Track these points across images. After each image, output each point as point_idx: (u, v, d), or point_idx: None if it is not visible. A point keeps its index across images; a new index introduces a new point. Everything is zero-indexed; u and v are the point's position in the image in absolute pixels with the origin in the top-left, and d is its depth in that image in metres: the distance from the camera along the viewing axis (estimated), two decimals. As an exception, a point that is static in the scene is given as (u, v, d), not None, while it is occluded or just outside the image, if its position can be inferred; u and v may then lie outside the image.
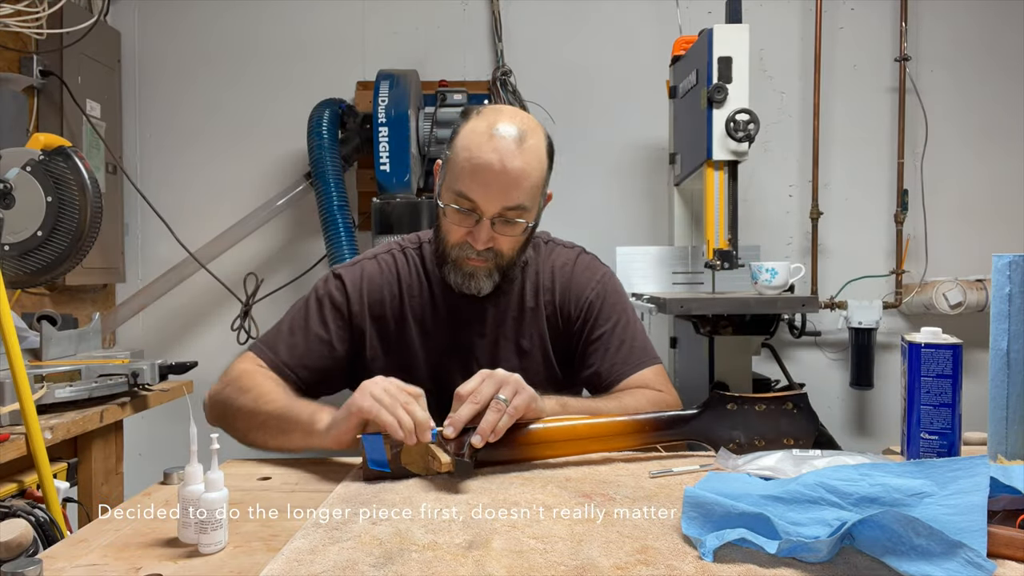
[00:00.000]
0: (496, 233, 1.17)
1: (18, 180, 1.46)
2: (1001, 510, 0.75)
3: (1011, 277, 0.99)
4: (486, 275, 1.21)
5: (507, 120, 1.17)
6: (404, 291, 1.30)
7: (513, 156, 1.14)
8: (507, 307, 1.30)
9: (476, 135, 1.16)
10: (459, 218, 1.17)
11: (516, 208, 1.16)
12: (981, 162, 2.88)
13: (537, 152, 1.18)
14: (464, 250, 1.19)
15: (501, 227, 1.17)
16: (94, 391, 1.44)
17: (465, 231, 1.18)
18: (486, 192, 1.14)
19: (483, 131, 1.15)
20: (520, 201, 1.16)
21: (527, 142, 1.16)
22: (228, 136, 2.93)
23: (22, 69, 2.36)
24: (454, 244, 1.20)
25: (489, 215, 1.16)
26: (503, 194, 1.14)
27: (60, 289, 2.55)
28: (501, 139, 1.14)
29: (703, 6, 2.84)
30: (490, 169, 1.13)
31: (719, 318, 2.05)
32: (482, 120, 1.18)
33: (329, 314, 1.27)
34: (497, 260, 1.21)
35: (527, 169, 1.15)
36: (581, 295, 1.31)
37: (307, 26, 2.92)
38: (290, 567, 0.69)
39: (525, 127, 1.18)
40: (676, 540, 0.75)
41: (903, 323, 2.89)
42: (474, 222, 1.17)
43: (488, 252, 1.19)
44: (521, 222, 1.18)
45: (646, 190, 2.89)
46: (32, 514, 1.18)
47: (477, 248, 1.18)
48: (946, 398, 0.96)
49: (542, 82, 2.87)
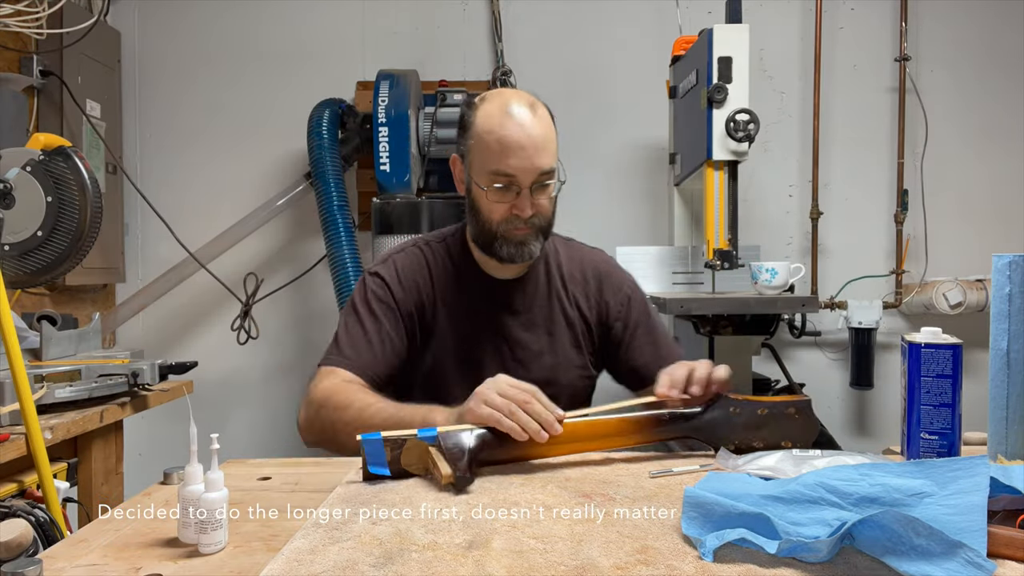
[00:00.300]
0: (535, 199, 1.26)
1: (18, 180, 1.46)
2: (1001, 510, 0.75)
3: (1011, 277, 0.99)
4: (534, 239, 1.29)
5: (514, 97, 1.27)
6: (435, 280, 1.37)
7: (533, 125, 1.23)
8: (535, 292, 1.38)
9: (493, 117, 1.24)
10: (499, 195, 1.25)
11: (548, 172, 1.26)
12: (981, 162, 2.88)
13: (548, 117, 1.29)
14: (512, 223, 1.27)
15: (538, 193, 1.26)
16: (94, 391, 1.44)
17: (507, 206, 1.26)
18: (521, 164, 1.22)
19: (498, 112, 1.24)
20: (550, 164, 1.26)
21: (539, 111, 1.26)
22: (228, 136, 2.93)
23: (22, 69, 2.36)
24: (500, 221, 1.27)
25: (527, 184, 1.24)
26: (536, 161, 1.23)
27: (60, 289, 2.55)
28: (517, 113, 1.24)
29: (703, 6, 2.84)
30: (519, 142, 1.22)
31: (719, 318, 2.05)
32: (492, 104, 1.26)
33: (380, 310, 1.33)
34: (540, 223, 1.29)
35: (548, 134, 1.26)
36: (619, 289, 1.42)
37: (307, 26, 2.92)
38: (290, 567, 0.69)
39: (531, 99, 1.28)
40: (676, 540, 0.75)
41: (903, 323, 2.89)
42: (515, 195, 1.25)
43: (533, 218, 1.27)
44: (552, 183, 1.28)
45: (646, 190, 2.89)
46: (32, 514, 1.18)
47: (525, 216, 1.26)
48: (946, 398, 0.96)
49: (542, 82, 2.87)
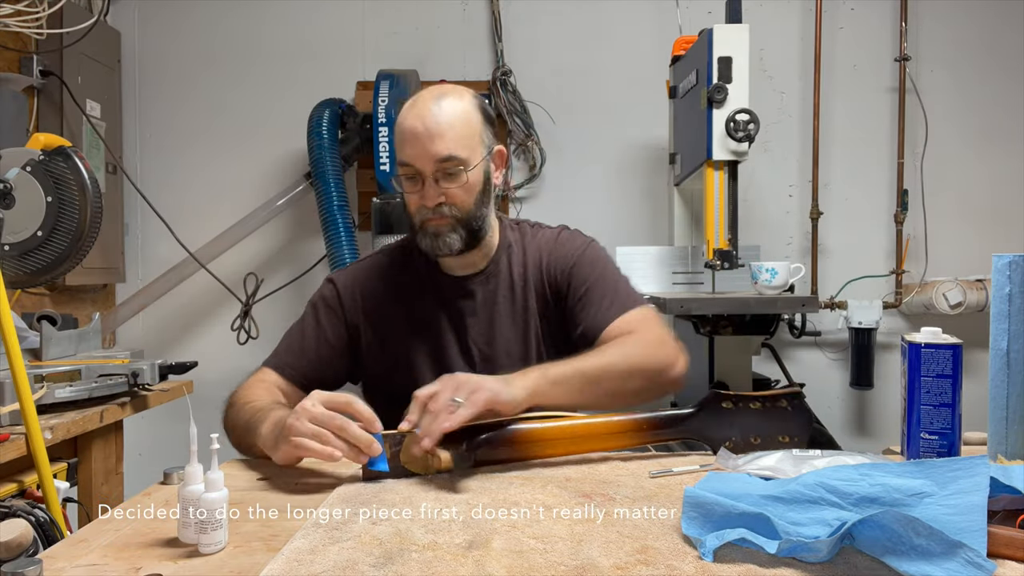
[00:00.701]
0: (442, 188, 1.24)
1: (18, 180, 1.46)
2: (1001, 510, 0.75)
3: (1011, 277, 0.99)
4: (450, 230, 1.26)
5: (430, 91, 1.28)
6: (394, 285, 1.37)
7: (430, 115, 1.23)
8: (496, 287, 1.36)
9: (403, 110, 1.27)
10: (408, 185, 1.26)
11: (448, 159, 1.22)
12: (981, 162, 2.88)
13: (458, 107, 1.26)
14: (423, 213, 1.26)
15: (445, 182, 1.24)
16: (94, 391, 1.44)
17: (418, 195, 1.26)
18: (416, 152, 1.22)
19: (408, 105, 1.27)
20: (449, 151, 1.22)
21: (444, 100, 1.25)
22: (228, 136, 2.93)
23: (22, 69, 2.36)
24: (414, 211, 1.28)
25: (428, 172, 1.23)
26: (431, 148, 1.22)
27: (60, 289, 2.55)
28: (420, 104, 1.25)
29: (703, 6, 2.84)
30: (414, 131, 1.22)
31: (719, 318, 2.05)
32: (410, 99, 1.29)
33: (323, 313, 1.36)
34: (454, 214, 1.26)
35: (452, 120, 1.23)
36: (565, 262, 1.35)
37: (307, 26, 2.92)
38: (290, 567, 0.69)
39: (446, 91, 1.27)
40: (676, 540, 0.75)
41: (903, 323, 2.89)
42: (421, 184, 1.25)
43: (443, 208, 1.25)
44: (460, 171, 1.24)
45: (646, 190, 2.89)
46: (32, 514, 1.18)
47: (428, 205, 1.25)
48: (946, 398, 0.96)
49: (542, 82, 2.87)
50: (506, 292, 1.36)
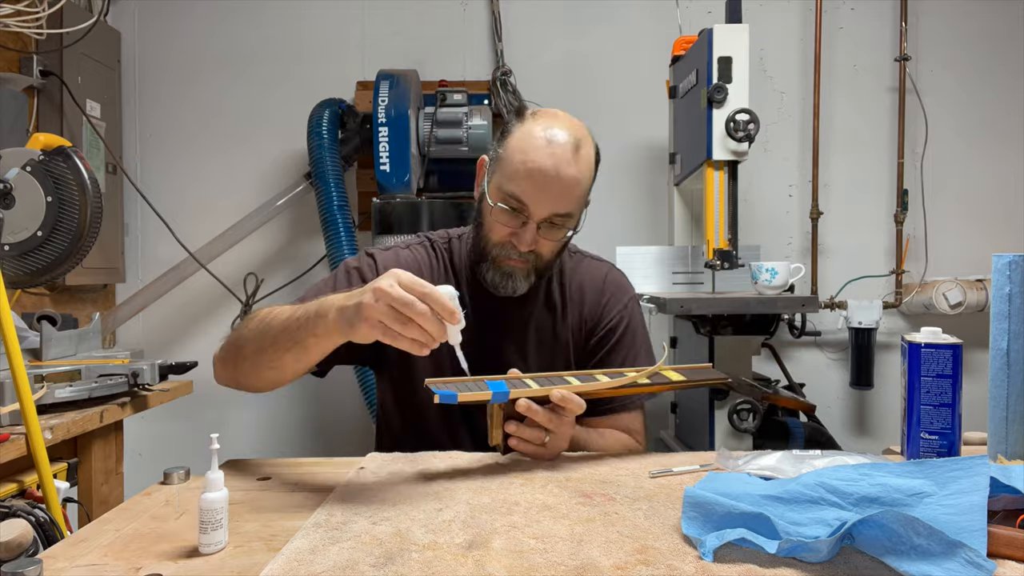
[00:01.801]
0: (540, 236, 1.19)
1: (18, 180, 1.46)
2: (1001, 510, 0.75)
3: (1011, 277, 0.99)
4: (524, 276, 1.23)
5: (563, 126, 1.18)
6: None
7: (568, 164, 1.15)
8: (533, 311, 1.32)
9: (533, 139, 1.17)
10: (506, 218, 1.19)
11: (564, 215, 1.18)
12: (981, 162, 2.89)
13: (589, 161, 1.20)
14: (506, 250, 1.21)
15: (546, 231, 1.19)
16: (94, 391, 1.44)
17: (510, 232, 1.19)
18: (538, 196, 1.15)
19: (540, 135, 1.17)
20: (569, 208, 1.18)
21: (581, 150, 1.18)
22: (228, 136, 2.93)
23: (22, 69, 2.36)
24: (496, 243, 1.21)
25: (538, 218, 1.17)
26: (555, 200, 1.16)
27: (60, 289, 2.55)
28: (558, 145, 1.15)
29: (703, 6, 2.84)
30: (545, 174, 1.14)
31: (719, 318, 2.05)
32: (538, 124, 1.19)
33: (356, 282, 1.25)
34: (536, 262, 1.22)
35: (579, 177, 1.17)
36: (607, 317, 1.34)
37: (307, 26, 2.92)
38: (290, 567, 0.69)
39: (580, 135, 1.19)
40: (676, 540, 0.75)
41: (903, 323, 2.89)
42: (520, 224, 1.18)
43: (529, 254, 1.20)
44: (566, 228, 1.20)
45: (646, 190, 2.89)
46: (32, 514, 1.18)
47: (521, 249, 1.19)
48: (946, 398, 0.96)
49: (542, 82, 2.87)
50: (540, 320, 1.33)
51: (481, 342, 1.28)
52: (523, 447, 1.06)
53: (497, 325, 1.30)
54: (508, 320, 1.30)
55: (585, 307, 1.34)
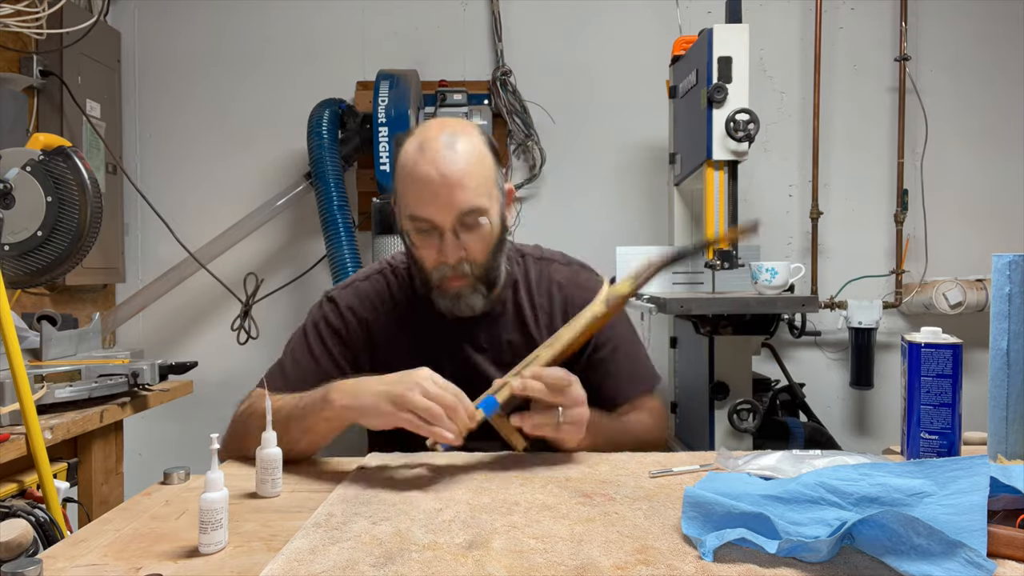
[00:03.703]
0: (463, 242, 1.15)
1: (18, 180, 1.46)
2: (1001, 510, 0.75)
3: (1011, 277, 0.99)
4: (471, 291, 1.19)
5: (434, 130, 1.15)
6: (397, 310, 1.28)
7: (447, 161, 1.11)
8: (504, 325, 1.28)
9: (409, 154, 1.14)
10: (423, 240, 1.15)
11: (471, 211, 1.13)
12: (981, 162, 2.89)
13: (473, 151, 1.15)
14: (441, 271, 1.17)
15: (465, 235, 1.14)
16: (94, 391, 1.44)
17: (435, 250, 1.15)
18: (434, 204, 1.12)
19: (414, 148, 1.14)
20: (472, 203, 1.13)
21: (458, 143, 1.13)
22: (228, 136, 2.93)
23: (22, 69, 2.36)
24: (431, 268, 1.18)
25: (448, 226, 1.13)
26: (451, 201, 1.11)
27: (60, 289, 2.55)
28: (431, 148, 1.12)
29: (703, 6, 2.84)
30: (429, 181, 1.11)
31: (719, 318, 2.05)
32: (413, 139, 1.16)
33: (328, 337, 1.26)
34: (474, 270, 1.18)
35: (466, 169, 1.12)
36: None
37: (307, 26, 2.92)
38: (290, 567, 0.69)
39: (454, 130, 1.15)
40: (676, 540, 0.75)
41: (903, 323, 2.89)
42: (438, 239, 1.14)
43: (463, 265, 1.16)
44: (483, 222, 1.15)
45: (646, 190, 2.89)
46: (32, 514, 1.18)
47: (451, 262, 1.15)
48: (946, 398, 0.96)
49: (542, 82, 2.87)
50: (511, 335, 1.29)
51: (460, 365, 1.25)
52: (544, 431, 1.03)
53: (472, 346, 1.26)
54: (479, 339, 1.27)
55: (556, 311, 1.30)
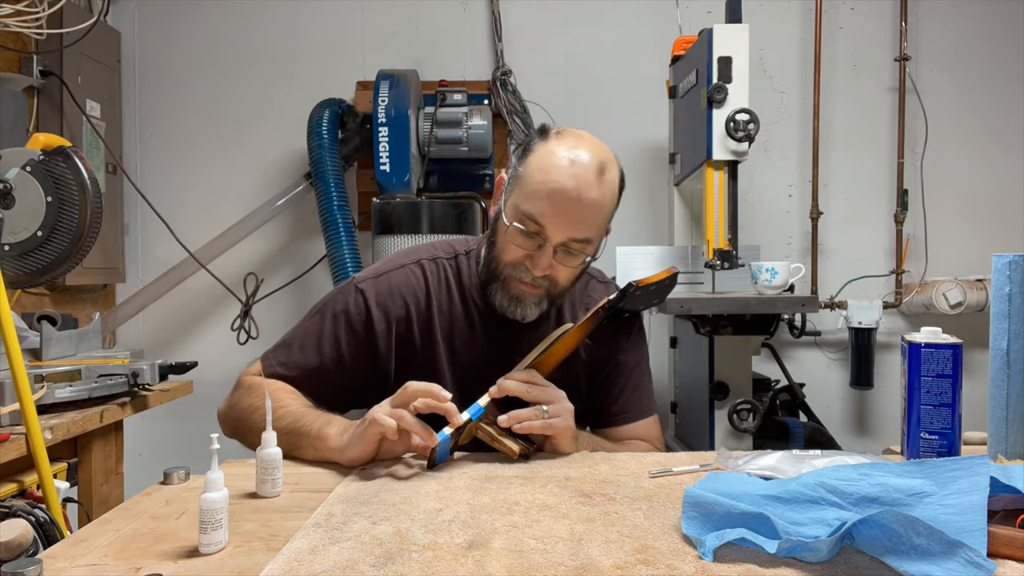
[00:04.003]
0: (556, 262, 1.13)
1: (18, 180, 1.46)
2: (1001, 510, 0.75)
3: (1011, 277, 0.99)
4: (535, 302, 1.17)
5: (588, 148, 1.13)
6: (433, 306, 1.24)
7: (591, 186, 1.10)
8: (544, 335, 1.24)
9: (555, 158, 1.11)
10: (522, 239, 1.13)
11: (583, 241, 1.13)
12: (981, 162, 2.89)
13: (613, 185, 1.14)
14: (518, 272, 1.15)
15: (563, 256, 1.13)
16: (94, 391, 1.44)
17: (524, 254, 1.13)
18: (557, 219, 1.10)
19: (563, 155, 1.11)
20: (588, 234, 1.12)
21: (606, 174, 1.12)
22: (228, 136, 2.93)
23: (22, 69, 2.36)
24: (508, 263, 1.15)
25: (555, 242, 1.11)
26: (574, 224, 1.10)
27: (60, 289, 2.55)
28: (582, 166, 1.10)
29: (703, 6, 2.84)
30: (566, 196, 1.09)
31: (719, 318, 2.05)
32: (562, 143, 1.13)
33: (344, 332, 1.22)
34: (550, 288, 1.17)
35: (602, 202, 1.12)
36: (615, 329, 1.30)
37: (307, 26, 2.92)
38: (290, 567, 0.69)
39: (606, 158, 1.14)
40: (676, 540, 0.75)
41: (903, 323, 2.89)
42: (536, 246, 1.12)
43: (542, 280, 1.15)
44: (584, 254, 1.15)
45: (646, 190, 2.89)
46: (32, 514, 1.18)
47: (535, 273, 1.13)
48: (946, 398, 0.96)
49: (542, 82, 2.87)
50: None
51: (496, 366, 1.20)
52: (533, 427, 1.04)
53: (511, 348, 1.22)
54: (521, 343, 1.22)
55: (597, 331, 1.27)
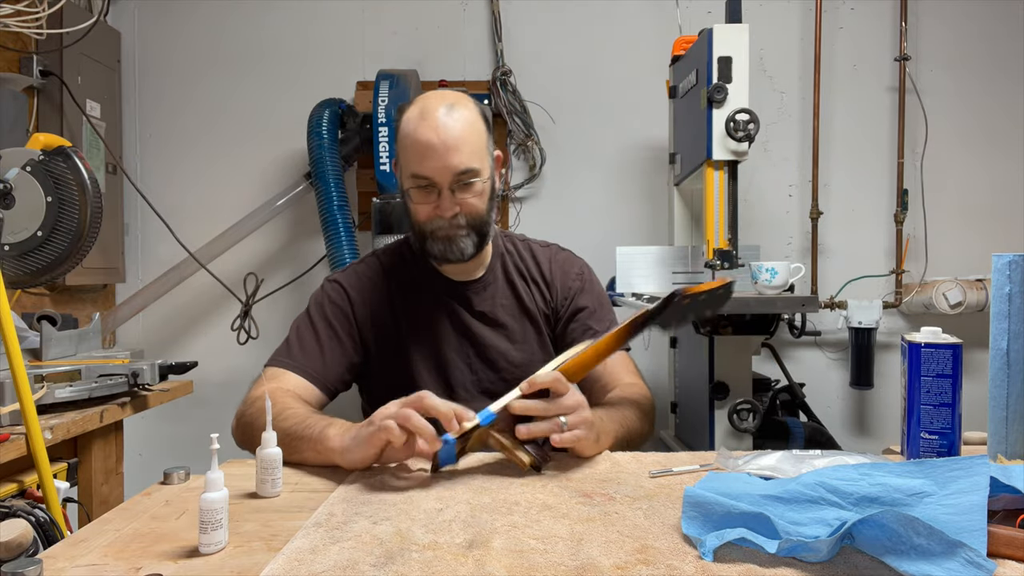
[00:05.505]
0: (458, 199, 1.27)
1: (18, 180, 1.46)
2: (1001, 510, 0.75)
3: (1011, 277, 0.99)
4: (464, 236, 1.30)
5: (433, 100, 1.28)
6: (394, 287, 1.39)
7: (446, 127, 1.24)
8: (494, 293, 1.40)
9: (411, 121, 1.27)
10: (422, 196, 1.27)
11: (466, 171, 1.25)
12: (981, 162, 2.89)
13: (468, 118, 1.27)
14: (435, 223, 1.29)
15: (460, 192, 1.27)
16: (94, 391, 1.44)
17: (431, 206, 1.28)
18: (434, 163, 1.24)
19: (416, 115, 1.26)
20: (467, 164, 1.25)
21: (455, 112, 1.26)
22: (228, 136, 2.93)
23: (22, 69, 2.36)
24: (425, 220, 1.29)
25: (445, 184, 1.25)
26: (450, 162, 1.24)
27: (60, 289, 2.55)
28: (432, 115, 1.25)
29: (703, 6, 2.84)
30: (431, 144, 1.23)
31: (719, 318, 2.05)
32: (413, 107, 1.29)
33: (333, 315, 1.36)
34: (469, 222, 1.29)
35: (463, 134, 1.25)
36: (568, 277, 1.44)
37: (307, 26, 2.92)
38: (290, 567, 0.69)
39: (452, 100, 1.28)
40: (676, 540, 0.75)
41: (903, 323, 2.89)
42: (436, 196, 1.27)
43: (457, 218, 1.28)
44: (475, 182, 1.27)
45: (646, 190, 2.89)
46: (32, 514, 1.18)
47: (446, 216, 1.27)
48: (946, 398, 0.96)
49: (542, 82, 2.87)
50: (504, 300, 1.41)
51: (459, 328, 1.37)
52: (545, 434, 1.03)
53: (468, 311, 1.38)
54: (474, 303, 1.38)
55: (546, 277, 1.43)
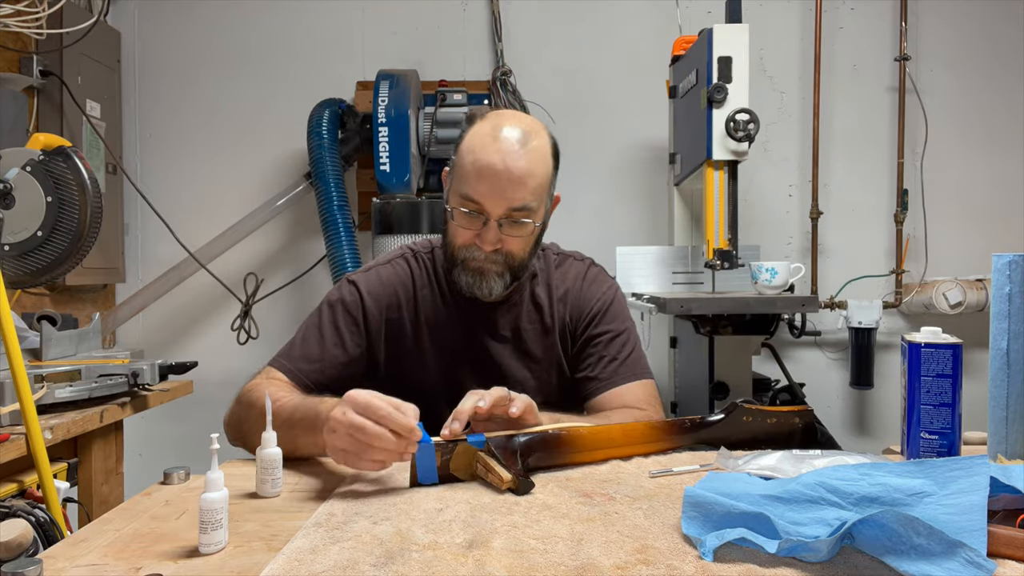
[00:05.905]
0: (504, 235, 1.19)
1: (18, 180, 1.46)
2: (1001, 510, 0.75)
3: (1011, 277, 0.99)
4: (497, 275, 1.22)
5: (510, 122, 1.19)
6: (418, 295, 1.31)
7: (517, 156, 1.15)
8: (519, 315, 1.32)
9: (480, 137, 1.17)
10: (466, 220, 1.19)
11: (522, 209, 1.17)
12: (981, 162, 2.89)
13: (541, 152, 1.19)
14: (472, 252, 1.20)
15: (508, 228, 1.18)
16: (94, 391, 1.44)
17: (473, 233, 1.19)
18: (491, 193, 1.15)
19: (487, 133, 1.17)
20: (525, 202, 1.17)
21: (531, 143, 1.17)
22: (228, 136, 2.93)
23: (22, 69, 2.36)
24: (461, 246, 1.21)
25: (495, 216, 1.17)
26: (508, 195, 1.15)
27: (60, 289, 2.55)
28: (504, 140, 1.16)
29: (703, 6, 2.84)
30: (494, 170, 1.14)
31: (719, 318, 2.05)
32: (486, 123, 1.19)
33: (342, 319, 1.28)
34: (508, 261, 1.21)
35: (531, 169, 1.17)
36: (589, 303, 1.34)
37: (307, 26, 2.92)
38: (290, 567, 0.69)
39: (529, 128, 1.19)
40: (676, 540, 0.75)
41: (903, 323, 2.89)
42: (481, 224, 1.18)
43: (497, 254, 1.20)
44: (528, 222, 1.19)
45: (646, 190, 2.89)
46: (32, 514, 1.18)
47: (485, 249, 1.19)
48: (946, 398, 0.96)
49: (542, 82, 2.87)
50: (528, 323, 1.32)
51: (478, 351, 1.29)
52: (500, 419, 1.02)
53: (490, 334, 1.30)
54: (498, 326, 1.30)
55: (569, 304, 1.34)
